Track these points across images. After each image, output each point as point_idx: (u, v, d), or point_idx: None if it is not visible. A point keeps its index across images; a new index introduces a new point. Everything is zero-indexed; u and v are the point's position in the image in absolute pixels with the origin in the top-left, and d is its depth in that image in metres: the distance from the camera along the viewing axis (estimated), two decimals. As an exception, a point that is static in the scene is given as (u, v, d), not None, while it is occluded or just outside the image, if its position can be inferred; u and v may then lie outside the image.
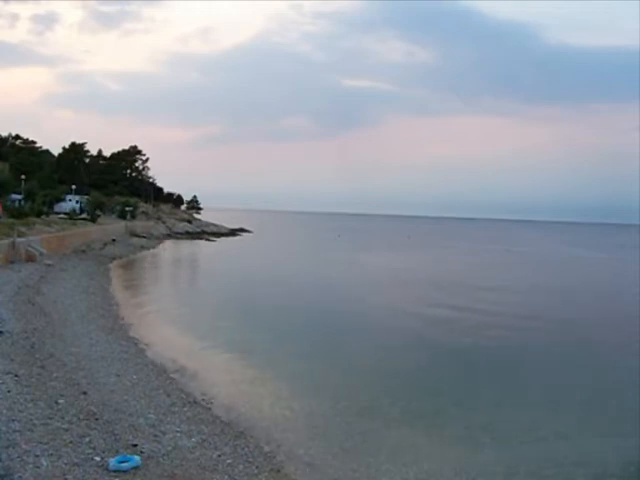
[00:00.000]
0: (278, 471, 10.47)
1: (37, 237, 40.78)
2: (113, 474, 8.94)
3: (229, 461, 10.44)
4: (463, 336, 24.32)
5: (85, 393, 12.93)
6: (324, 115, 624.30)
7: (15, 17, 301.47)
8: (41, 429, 10.17)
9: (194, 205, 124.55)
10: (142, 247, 62.60)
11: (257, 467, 10.41)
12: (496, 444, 12.71)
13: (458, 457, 11.89)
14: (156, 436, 11.04)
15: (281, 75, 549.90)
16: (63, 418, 10.98)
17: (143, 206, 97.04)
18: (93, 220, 66.43)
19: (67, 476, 8.61)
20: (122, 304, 27.77)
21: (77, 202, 77.75)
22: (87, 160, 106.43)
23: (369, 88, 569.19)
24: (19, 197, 60.15)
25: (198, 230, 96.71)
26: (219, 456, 10.61)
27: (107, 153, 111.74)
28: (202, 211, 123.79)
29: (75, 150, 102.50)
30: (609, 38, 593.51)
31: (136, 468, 9.27)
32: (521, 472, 11.34)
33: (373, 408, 14.65)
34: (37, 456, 9.02)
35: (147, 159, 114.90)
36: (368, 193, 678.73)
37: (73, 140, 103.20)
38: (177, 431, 11.55)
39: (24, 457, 8.88)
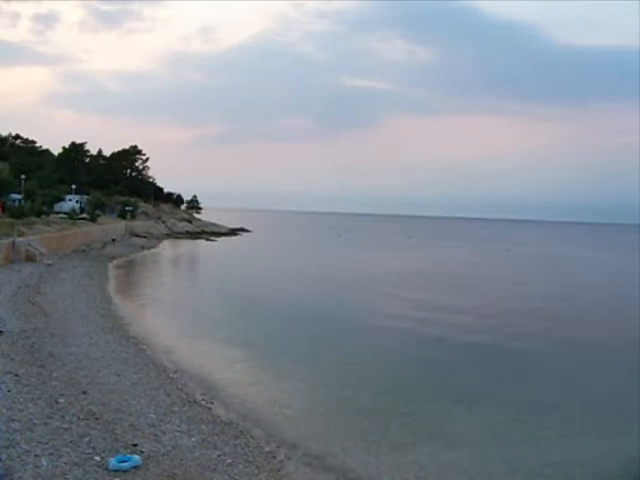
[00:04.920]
0: (278, 471, 10.47)
1: (37, 237, 40.77)
2: (113, 474, 8.94)
3: (229, 461, 10.44)
4: (463, 336, 24.29)
5: (85, 393, 12.92)
6: (324, 115, 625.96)
7: (16, 16, 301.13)
8: (41, 429, 10.17)
9: (194, 205, 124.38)
10: (142, 247, 62.55)
11: (257, 467, 10.41)
12: (496, 444, 12.72)
13: (458, 457, 11.89)
14: (156, 436, 11.04)
15: (282, 75, 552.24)
16: (63, 418, 10.97)
17: (143, 206, 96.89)
18: (93, 220, 66.35)
19: (67, 476, 8.61)
20: (122, 304, 27.78)
21: (77, 202, 77.62)
22: (87, 160, 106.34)
23: (370, 88, 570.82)
24: (19, 197, 60.05)
25: (198, 230, 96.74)
26: (219, 456, 10.61)
27: (107, 153, 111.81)
28: (202, 211, 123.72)
29: (75, 150, 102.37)
30: (609, 38, 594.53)
31: (136, 468, 9.27)
32: (521, 472, 11.34)
33: (373, 408, 14.66)
34: (37, 456, 9.01)
35: (147, 159, 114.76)
36: (368, 193, 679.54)
37: (73, 140, 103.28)
38: (177, 431, 11.54)
39: (24, 457, 8.87)
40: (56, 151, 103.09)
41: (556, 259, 73.75)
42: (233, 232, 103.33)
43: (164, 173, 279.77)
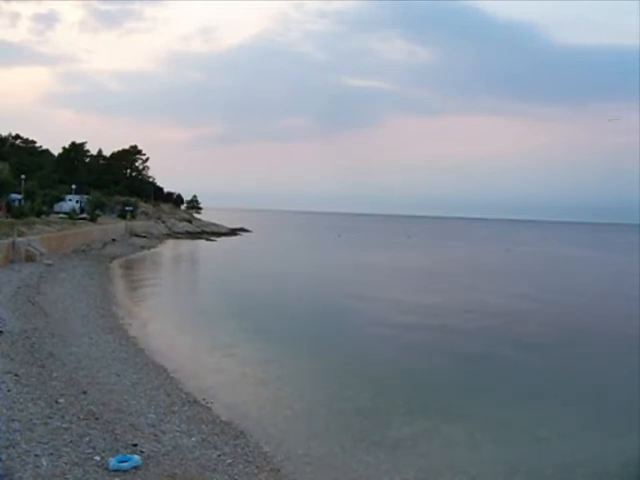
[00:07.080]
0: (278, 471, 10.48)
1: (37, 237, 40.76)
2: (113, 474, 8.94)
3: (229, 461, 10.44)
4: (463, 336, 24.31)
5: (85, 392, 12.92)
6: (325, 115, 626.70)
7: (16, 16, 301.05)
8: (41, 429, 10.16)
9: (194, 205, 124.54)
10: (142, 247, 62.56)
11: (257, 467, 10.41)
12: (496, 444, 12.71)
13: (458, 457, 11.88)
14: (156, 436, 11.04)
15: (282, 75, 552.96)
16: (63, 418, 10.97)
17: (143, 206, 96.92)
18: (93, 220, 66.36)
19: (67, 476, 8.61)
20: (122, 304, 27.77)
21: (77, 202, 77.65)
22: (87, 160, 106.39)
23: (370, 88, 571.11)
24: (19, 197, 60.04)
25: (198, 230, 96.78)
26: (219, 456, 10.61)
27: (107, 153, 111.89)
28: (202, 211, 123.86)
29: (75, 150, 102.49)
30: (609, 38, 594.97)
31: (136, 468, 9.27)
32: (521, 472, 11.34)
33: (373, 408, 14.66)
34: (37, 456, 9.01)
35: (147, 159, 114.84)
36: (368, 193, 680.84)
37: (73, 140, 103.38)
38: (177, 431, 11.54)
39: (24, 457, 8.87)
40: (56, 151, 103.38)
41: (556, 259, 73.72)
42: (233, 232, 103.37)
43: (164, 173, 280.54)
